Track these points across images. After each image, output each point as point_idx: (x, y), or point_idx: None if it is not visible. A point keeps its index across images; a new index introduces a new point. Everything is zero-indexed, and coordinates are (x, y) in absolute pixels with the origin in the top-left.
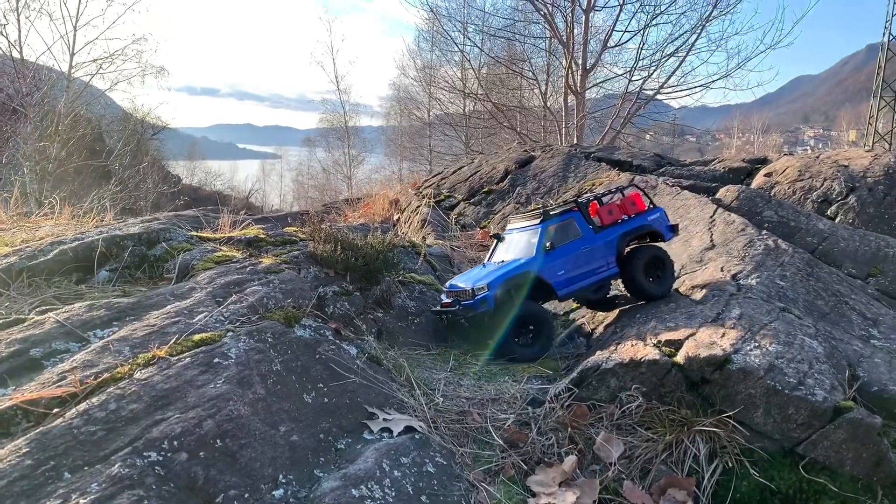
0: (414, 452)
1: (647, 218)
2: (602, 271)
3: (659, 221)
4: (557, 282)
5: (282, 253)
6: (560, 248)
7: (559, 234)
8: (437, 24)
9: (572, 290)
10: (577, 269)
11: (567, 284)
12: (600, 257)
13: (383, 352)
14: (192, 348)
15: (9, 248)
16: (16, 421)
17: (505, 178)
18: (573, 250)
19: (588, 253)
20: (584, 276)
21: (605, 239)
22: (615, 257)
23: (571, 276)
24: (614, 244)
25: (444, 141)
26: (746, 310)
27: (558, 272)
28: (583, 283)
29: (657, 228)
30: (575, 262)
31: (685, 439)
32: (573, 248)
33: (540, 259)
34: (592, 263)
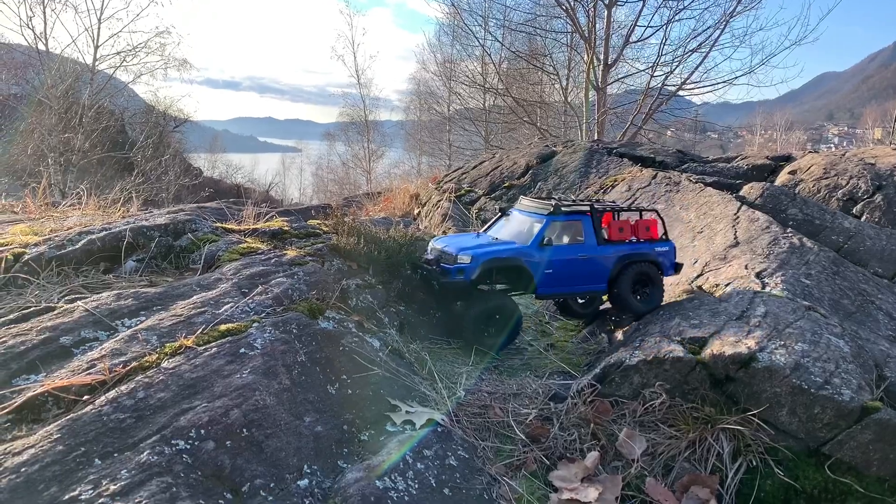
0: (436, 445)
1: (654, 248)
2: (590, 284)
3: (665, 255)
4: (542, 279)
5: (306, 245)
6: (557, 248)
7: (562, 232)
8: (457, 18)
9: (553, 293)
10: (567, 273)
11: (550, 285)
12: (593, 270)
13: (405, 345)
14: (219, 338)
15: (38, 238)
16: (47, 407)
17: (526, 173)
18: (569, 254)
19: (582, 262)
20: (570, 283)
21: (604, 254)
22: (607, 275)
23: (558, 278)
24: (611, 263)
25: (463, 136)
26: (771, 308)
27: (546, 270)
28: (567, 289)
29: (660, 261)
30: (566, 266)
31: (709, 437)
32: (570, 252)
33: (534, 251)
34: (583, 274)
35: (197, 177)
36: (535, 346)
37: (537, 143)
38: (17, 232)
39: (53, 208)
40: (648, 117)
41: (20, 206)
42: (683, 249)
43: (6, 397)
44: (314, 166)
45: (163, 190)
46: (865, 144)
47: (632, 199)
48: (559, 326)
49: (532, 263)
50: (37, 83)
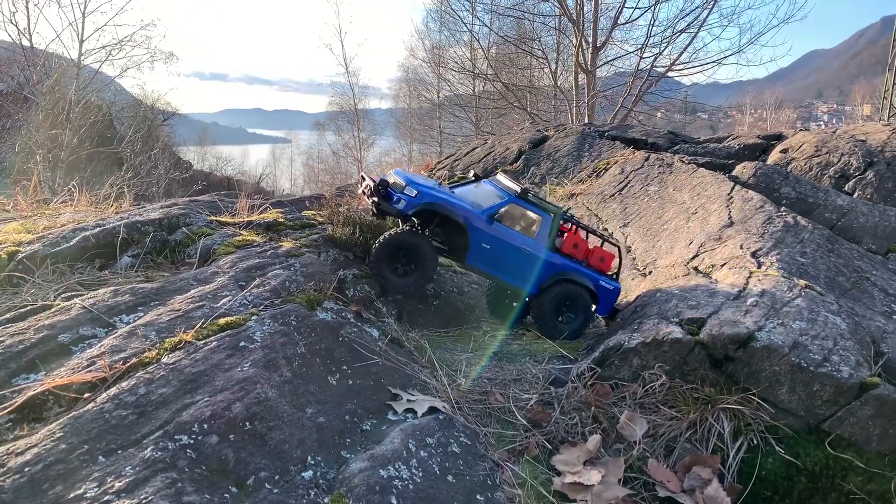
0: (439, 433)
1: (598, 280)
2: (518, 279)
3: (606, 292)
4: (476, 250)
5: (301, 237)
6: (505, 228)
7: (518, 219)
8: (445, 3)
9: (481, 268)
10: (501, 257)
11: (482, 260)
12: (527, 268)
13: (404, 333)
14: (218, 332)
15: (32, 236)
16: (48, 406)
17: (519, 158)
18: (513, 240)
19: (521, 254)
20: (500, 268)
21: (546, 258)
22: (540, 281)
23: (492, 257)
24: (548, 271)
25: (453, 122)
26: (768, 287)
27: (484, 243)
28: (495, 271)
29: (598, 296)
30: (504, 250)
31: (709, 417)
32: (514, 238)
33: (481, 219)
34: (517, 265)
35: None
36: (534, 331)
37: (529, 128)
38: (10, 230)
39: (45, 205)
40: (638, 99)
41: (11, 204)
42: (678, 231)
43: (6, 397)
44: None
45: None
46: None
47: (625, 182)
48: None
49: (473, 228)
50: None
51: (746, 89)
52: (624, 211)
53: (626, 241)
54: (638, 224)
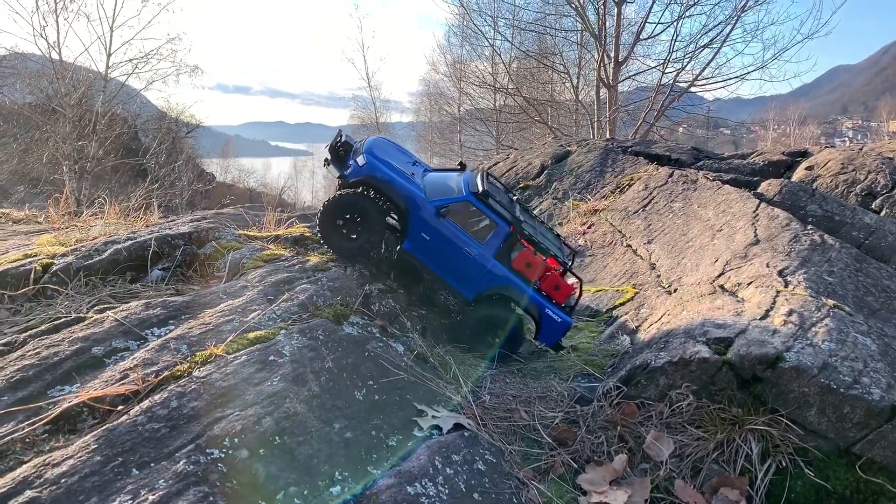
0: (464, 450)
1: (546, 307)
2: (454, 279)
3: (550, 321)
4: (415, 237)
5: (327, 251)
6: (450, 223)
7: (472, 220)
8: (467, 18)
9: (418, 257)
10: (438, 250)
11: (419, 247)
12: (465, 270)
13: (429, 349)
14: (248, 346)
15: (65, 248)
16: (82, 418)
17: (541, 173)
18: (455, 237)
19: (460, 255)
20: (437, 261)
21: (488, 267)
22: (477, 288)
23: (429, 247)
24: (487, 281)
25: (474, 136)
26: (795, 306)
27: (423, 232)
28: (431, 263)
29: (541, 322)
30: (443, 244)
31: (737, 438)
32: (458, 236)
33: (426, 206)
34: (453, 264)
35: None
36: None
37: (552, 142)
38: (43, 243)
39: (76, 217)
40: (660, 114)
41: (43, 216)
42: (703, 248)
43: (43, 409)
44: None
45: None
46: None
47: (649, 198)
48: (581, 327)
49: (414, 214)
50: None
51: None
52: (648, 227)
53: (650, 258)
54: (662, 241)
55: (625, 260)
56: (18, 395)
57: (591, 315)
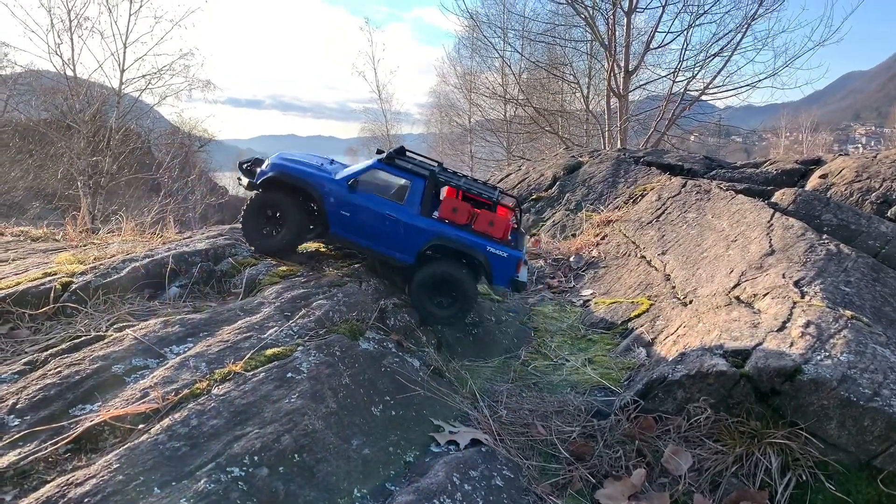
0: (482, 466)
1: (486, 246)
2: (389, 249)
3: (497, 259)
4: (336, 218)
5: (342, 266)
6: (367, 195)
7: (385, 184)
8: (476, 30)
9: (346, 238)
10: (365, 225)
11: (344, 228)
12: (396, 236)
13: (445, 363)
14: (266, 363)
15: (84, 266)
16: (104, 436)
17: (553, 184)
18: (376, 206)
19: (386, 221)
20: (367, 236)
21: (417, 224)
22: (415, 249)
23: (355, 225)
24: (422, 239)
25: (485, 147)
26: (813, 318)
27: (343, 211)
28: (362, 241)
29: (488, 262)
30: (366, 217)
31: (756, 451)
32: (377, 205)
33: (340, 185)
34: (383, 233)
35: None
36: (573, 361)
37: (563, 153)
38: (62, 261)
39: (93, 234)
40: (671, 123)
41: (61, 233)
42: (718, 259)
43: (65, 428)
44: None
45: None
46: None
47: (662, 209)
48: (596, 340)
49: (326, 195)
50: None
51: (781, 112)
52: (662, 238)
53: (665, 269)
54: (677, 251)
55: (639, 271)
56: (41, 415)
57: (606, 327)
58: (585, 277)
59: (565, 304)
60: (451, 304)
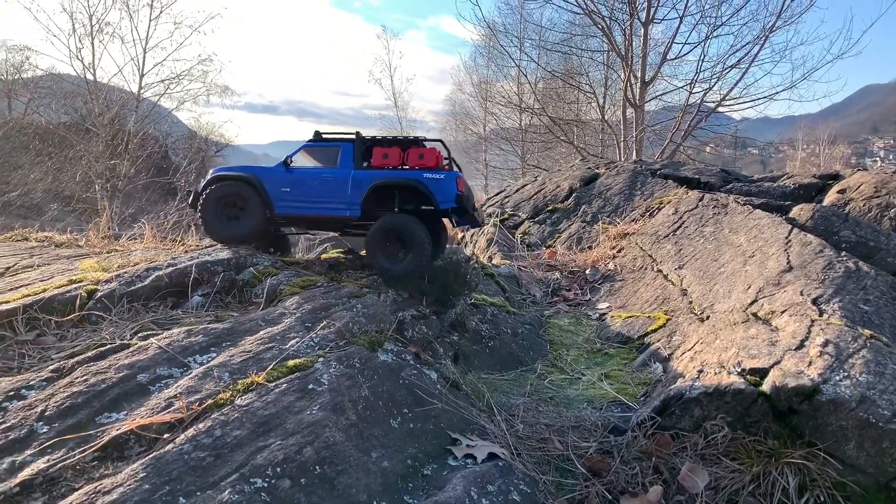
0: (499, 480)
1: (422, 174)
2: (332, 207)
3: (434, 182)
4: (278, 198)
5: (361, 276)
6: (301, 169)
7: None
8: (493, 40)
9: (290, 212)
10: (304, 192)
11: (287, 204)
12: (337, 192)
13: (461, 376)
14: (287, 374)
15: (108, 274)
16: (129, 445)
17: (569, 196)
18: (311, 174)
19: (324, 183)
20: (308, 203)
21: (352, 178)
22: (357, 200)
23: (295, 197)
24: (362, 188)
25: (499, 155)
26: (831, 337)
27: (282, 188)
28: (306, 210)
29: (427, 187)
30: (304, 185)
31: (773, 471)
32: (312, 172)
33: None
34: (324, 195)
35: None
36: (589, 375)
37: (580, 164)
38: (87, 268)
39: (115, 241)
40: (688, 134)
41: (84, 239)
42: (735, 274)
43: (92, 436)
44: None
45: None
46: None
47: (679, 223)
48: (612, 354)
49: (266, 180)
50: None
51: (799, 124)
52: (679, 252)
53: (681, 284)
54: (693, 266)
55: (655, 285)
56: (68, 422)
57: (622, 342)
58: (601, 290)
59: (581, 318)
60: (404, 256)
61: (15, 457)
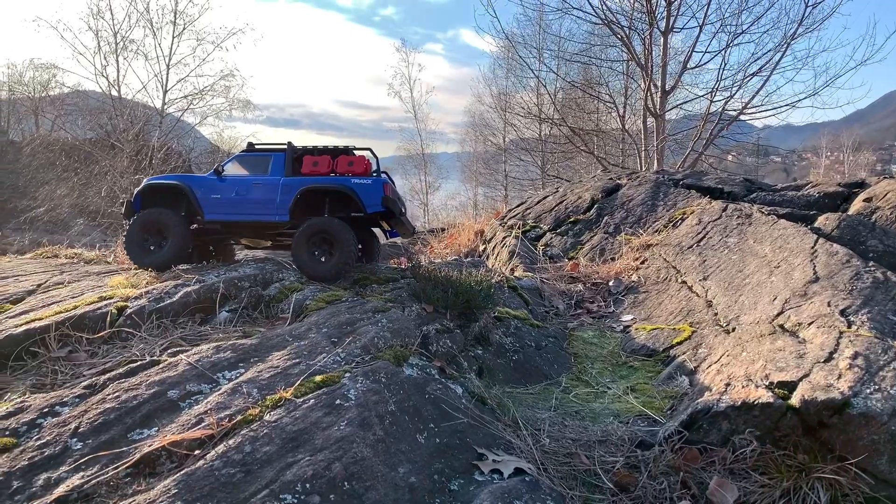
0: (526, 495)
1: (350, 180)
2: (262, 213)
3: (362, 186)
4: (208, 205)
5: (385, 291)
6: (231, 177)
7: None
8: (512, 51)
9: (220, 218)
10: (234, 199)
11: (217, 210)
12: (266, 198)
13: (486, 390)
14: (315, 389)
15: (137, 291)
16: (161, 461)
17: (591, 207)
18: (241, 181)
19: (254, 189)
20: (238, 210)
21: (282, 184)
22: (286, 205)
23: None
24: (291, 193)
25: (519, 166)
26: (860, 349)
27: (212, 195)
28: (235, 215)
29: (355, 192)
30: (236, 193)
31: (804, 486)
32: (242, 180)
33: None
34: (254, 201)
35: None
36: (615, 388)
37: (601, 175)
38: (116, 284)
39: None
40: (709, 143)
41: (112, 255)
42: (761, 285)
43: (125, 453)
44: None
45: None
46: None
47: (703, 233)
48: (638, 367)
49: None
50: (109, 128)
51: (822, 131)
52: (703, 263)
53: (706, 295)
54: (718, 277)
55: (680, 297)
56: (101, 439)
57: (647, 354)
58: (625, 302)
59: (605, 330)
60: (330, 257)
61: (50, 473)
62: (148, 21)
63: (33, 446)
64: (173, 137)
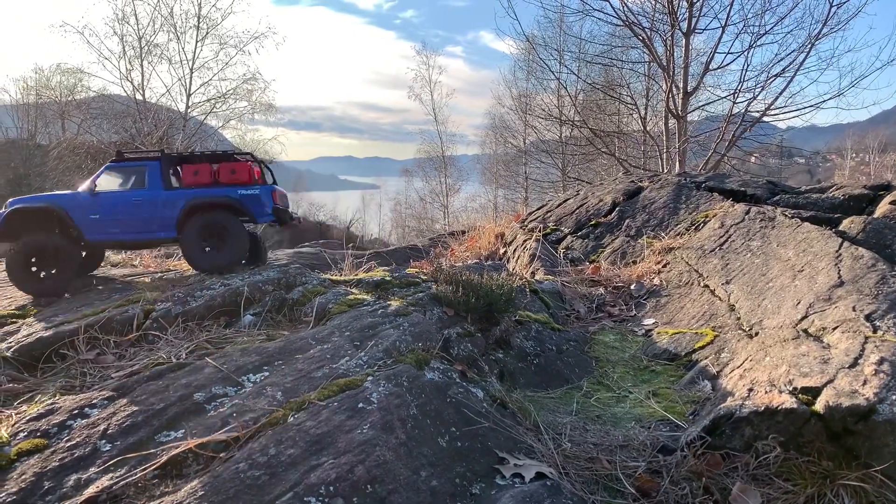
0: (547, 500)
1: (237, 191)
2: (150, 232)
3: (249, 198)
4: (87, 225)
5: (407, 295)
6: (108, 193)
7: (125, 180)
8: (532, 53)
9: (104, 239)
10: (117, 219)
11: (99, 231)
12: (151, 216)
13: (507, 394)
14: (338, 393)
15: (164, 294)
16: (187, 463)
17: (612, 210)
18: (120, 199)
19: (136, 206)
20: (123, 229)
21: (168, 199)
22: (174, 222)
23: (107, 223)
24: (177, 209)
25: (539, 168)
26: (886, 354)
27: (91, 215)
28: (121, 236)
29: (243, 203)
30: (116, 212)
31: (828, 493)
32: (121, 197)
33: (81, 195)
34: (139, 219)
35: None
36: (636, 393)
37: (622, 178)
38: (142, 287)
39: (168, 260)
40: (731, 145)
41: (138, 258)
42: (784, 290)
43: (152, 455)
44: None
45: None
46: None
47: (725, 237)
48: (660, 372)
49: (71, 209)
50: (134, 131)
51: (847, 132)
52: (726, 267)
53: (729, 299)
54: (741, 281)
55: (702, 301)
56: (129, 441)
57: (669, 358)
58: (647, 306)
59: (626, 334)
60: (221, 248)
61: (80, 474)
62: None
63: (64, 447)
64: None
